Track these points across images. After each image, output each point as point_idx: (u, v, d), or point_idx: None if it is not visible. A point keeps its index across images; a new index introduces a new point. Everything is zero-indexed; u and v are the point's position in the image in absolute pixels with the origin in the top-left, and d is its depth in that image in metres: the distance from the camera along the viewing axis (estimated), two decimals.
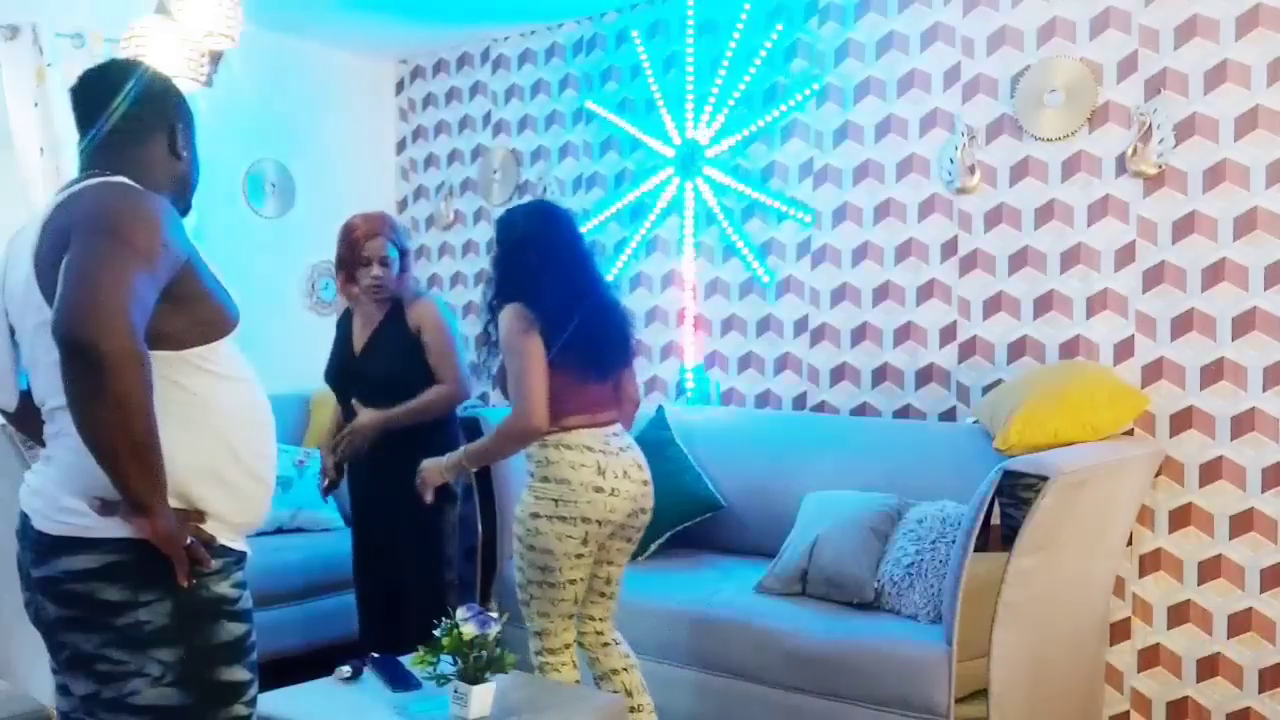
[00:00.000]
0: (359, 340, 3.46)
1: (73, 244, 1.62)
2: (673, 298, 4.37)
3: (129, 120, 1.85)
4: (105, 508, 1.67)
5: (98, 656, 1.68)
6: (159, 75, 1.94)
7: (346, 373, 3.47)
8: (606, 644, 2.93)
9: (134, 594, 1.68)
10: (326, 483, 3.68)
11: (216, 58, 3.40)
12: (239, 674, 1.77)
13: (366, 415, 3.33)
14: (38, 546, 1.73)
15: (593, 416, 2.77)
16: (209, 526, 1.74)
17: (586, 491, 2.70)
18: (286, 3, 4.47)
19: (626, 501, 2.76)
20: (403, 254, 3.41)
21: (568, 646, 2.83)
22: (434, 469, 2.90)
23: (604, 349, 2.82)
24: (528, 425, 2.67)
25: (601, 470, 2.72)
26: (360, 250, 3.34)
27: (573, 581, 2.75)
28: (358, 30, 4.87)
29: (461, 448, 2.87)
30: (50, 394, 1.74)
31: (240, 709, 1.78)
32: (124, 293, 1.57)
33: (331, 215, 4.89)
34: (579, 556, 2.73)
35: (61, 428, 1.72)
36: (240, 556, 1.81)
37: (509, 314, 2.73)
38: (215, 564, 1.73)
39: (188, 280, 1.73)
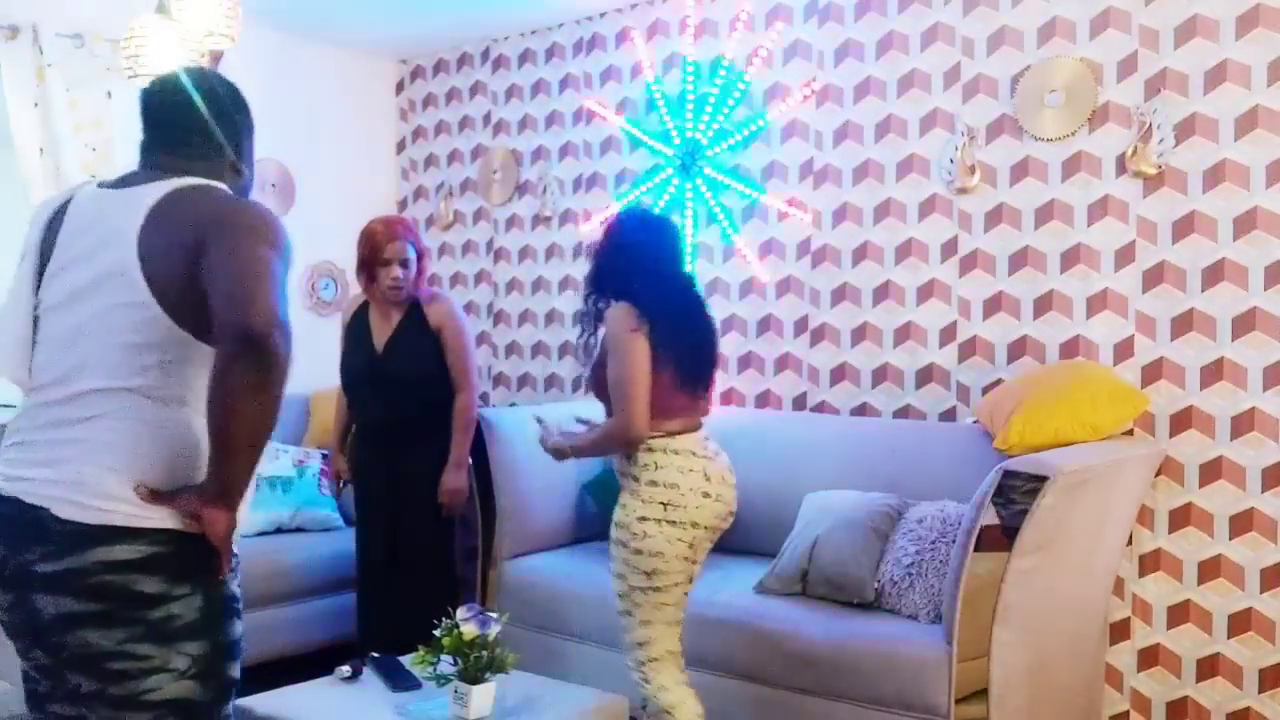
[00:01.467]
0: (379, 340, 3.54)
1: (224, 244, 1.66)
2: None
3: (202, 135, 1.87)
4: (153, 496, 1.67)
5: (116, 653, 1.67)
6: (234, 92, 1.96)
7: (370, 372, 3.53)
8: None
9: (169, 587, 1.69)
10: (341, 483, 3.79)
11: (216, 58, 3.41)
12: (237, 671, 1.81)
13: (451, 476, 3.49)
14: (60, 538, 1.65)
15: (689, 420, 2.75)
16: None
17: (695, 496, 2.67)
18: (286, 3, 4.47)
19: (724, 506, 2.74)
20: (420, 256, 3.51)
21: (671, 653, 2.72)
22: (562, 445, 2.85)
23: (703, 356, 2.82)
24: (629, 434, 2.67)
25: (708, 476, 2.70)
26: (381, 253, 3.46)
27: (678, 584, 2.70)
28: (358, 30, 4.86)
29: (576, 435, 2.86)
30: (98, 376, 1.70)
31: (230, 706, 1.82)
32: (281, 296, 1.65)
33: (331, 215, 4.92)
34: (685, 559, 2.69)
35: (106, 409, 1.69)
36: (238, 559, 1.84)
37: (618, 312, 2.70)
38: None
39: None
